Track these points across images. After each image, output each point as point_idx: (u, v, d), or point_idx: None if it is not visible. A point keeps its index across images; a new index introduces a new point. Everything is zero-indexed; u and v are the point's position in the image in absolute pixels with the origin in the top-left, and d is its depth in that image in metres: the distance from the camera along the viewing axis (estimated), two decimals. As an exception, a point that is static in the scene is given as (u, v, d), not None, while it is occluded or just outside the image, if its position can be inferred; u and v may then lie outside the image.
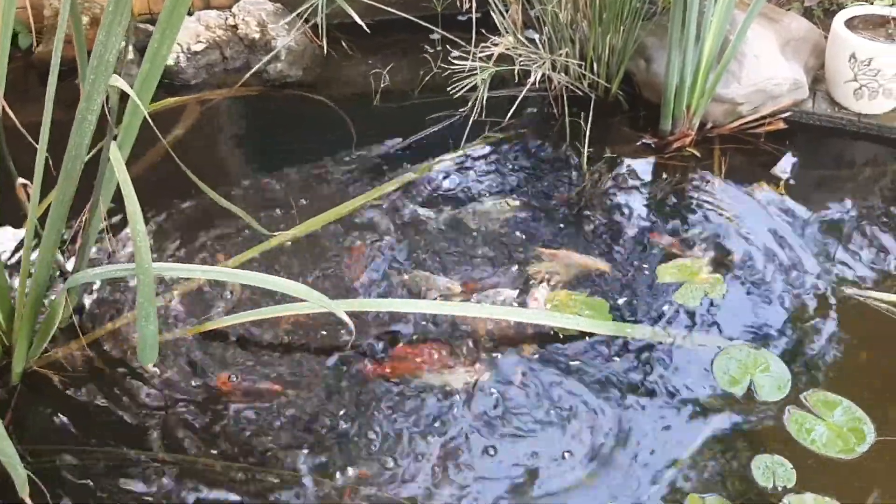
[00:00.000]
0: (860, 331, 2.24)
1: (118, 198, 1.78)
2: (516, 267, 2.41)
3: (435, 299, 2.29)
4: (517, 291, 2.32)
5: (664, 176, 2.80)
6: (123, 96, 1.79)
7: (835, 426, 1.98)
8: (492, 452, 1.92)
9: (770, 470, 1.88)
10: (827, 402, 2.03)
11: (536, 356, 2.15)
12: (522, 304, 2.28)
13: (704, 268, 2.42)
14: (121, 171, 1.74)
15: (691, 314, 2.28)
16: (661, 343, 2.19)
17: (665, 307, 2.30)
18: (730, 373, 2.11)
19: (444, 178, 2.79)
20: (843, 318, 2.27)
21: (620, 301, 2.31)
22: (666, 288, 2.36)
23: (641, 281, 2.38)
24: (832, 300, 2.32)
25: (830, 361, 2.15)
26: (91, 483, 1.85)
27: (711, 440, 1.95)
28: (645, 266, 2.43)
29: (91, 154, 1.91)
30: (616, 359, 2.15)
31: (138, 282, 1.77)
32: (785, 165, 2.83)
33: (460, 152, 2.90)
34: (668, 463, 1.91)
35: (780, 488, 1.84)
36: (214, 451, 1.91)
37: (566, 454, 1.92)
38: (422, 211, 2.63)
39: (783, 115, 3.00)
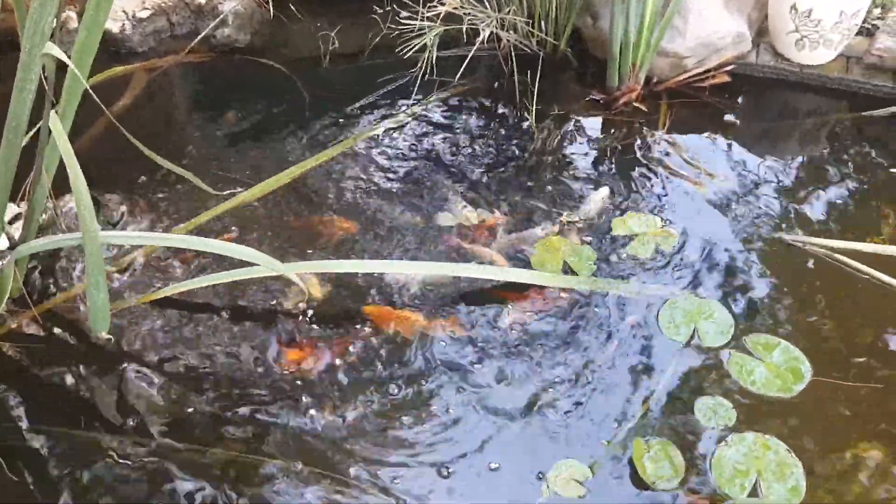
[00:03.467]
0: (800, 275, 2.31)
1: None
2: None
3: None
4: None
5: (611, 131, 2.85)
6: (64, 66, 1.78)
7: (773, 366, 2.05)
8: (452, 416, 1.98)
9: (711, 410, 1.95)
10: (766, 345, 2.10)
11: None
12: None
13: (657, 221, 2.47)
14: (62, 142, 1.73)
15: (642, 265, 2.34)
16: (610, 294, 2.25)
17: (616, 259, 2.35)
18: (675, 321, 2.17)
19: (397, 138, 2.81)
20: (784, 263, 2.35)
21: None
22: (620, 240, 2.42)
23: (595, 233, 2.44)
24: (774, 247, 2.40)
25: (771, 305, 2.22)
26: (49, 459, 1.86)
27: (655, 386, 2.02)
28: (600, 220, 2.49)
29: (37, 127, 1.90)
30: (563, 309, 2.21)
31: (86, 250, 1.78)
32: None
33: (411, 113, 2.91)
34: (612, 410, 1.97)
35: (721, 427, 1.92)
36: (169, 425, 1.94)
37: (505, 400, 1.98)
38: (374, 170, 2.65)
39: (727, 68, 3.04)
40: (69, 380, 2.02)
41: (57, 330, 2.13)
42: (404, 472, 1.84)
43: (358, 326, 2.14)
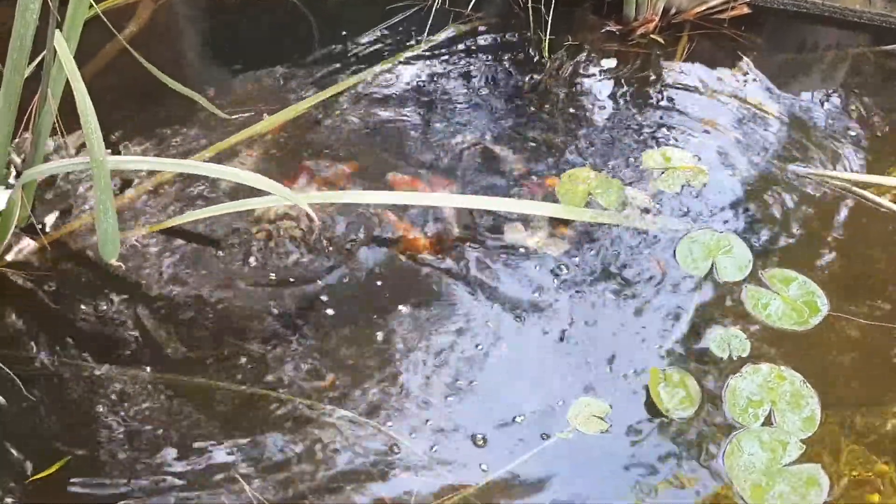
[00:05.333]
0: (819, 209, 2.28)
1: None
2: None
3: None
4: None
5: (627, 62, 2.78)
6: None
7: (790, 300, 2.03)
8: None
9: (725, 342, 1.94)
10: (784, 278, 2.08)
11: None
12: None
13: (687, 156, 2.42)
14: (67, 62, 1.69)
15: (668, 200, 2.30)
16: (631, 228, 2.22)
17: (644, 193, 2.32)
18: (693, 255, 2.14)
19: (409, 71, 2.75)
20: (803, 197, 2.31)
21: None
22: (648, 174, 2.38)
23: (623, 168, 2.40)
24: (793, 180, 2.36)
25: (789, 239, 2.20)
26: (60, 386, 1.86)
27: (671, 319, 2.00)
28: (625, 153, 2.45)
29: (41, 56, 1.86)
30: (584, 243, 2.18)
31: (94, 175, 1.75)
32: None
33: (424, 44, 2.84)
34: (628, 340, 1.96)
35: (735, 358, 1.91)
36: (177, 357, 1.93)
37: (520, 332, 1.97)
38: (388, 104, 2.61)
39: (747, 0, 2.96)
40: (78, 308, 2.01)
41: (66, 258, 2.11)
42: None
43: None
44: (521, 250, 2.15)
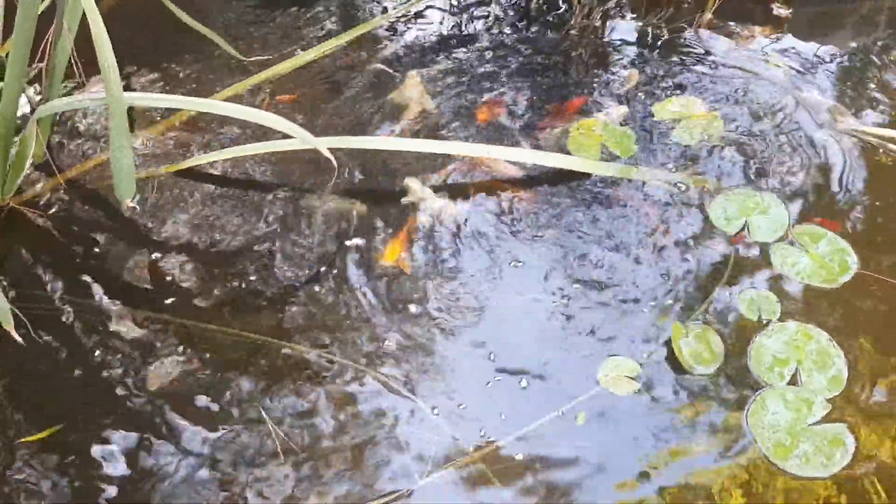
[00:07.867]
0: (852, 166, 2.21)
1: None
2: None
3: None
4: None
5: (656, 11, 2.69)
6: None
7: (818, 257, 1.98)
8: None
9: (755, 304, 1.89)
10: (812, 235, 2.03)
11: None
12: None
13: (701, 105, 2.36)
14: (84, -6, 1.64)
15: (688, 153, 2.24)
16: (654, 182, 2.16)
17: (661, 145, 2.26)
18: (727, 213, 2.08)
19: (429, 15, 2.68)
20: (836, 153, 2.25)
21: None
22: (663, 125, 2.31)
23: (637, 118, 2.34)
24: (826, 136, 2.29)
25: (820, 196, 2.14)
26: (71, 327, 1.85)
27: (697, 275, 1.96)
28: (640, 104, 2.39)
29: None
30: (606, 196, 2.13)
31: (110, 112, 1.71)
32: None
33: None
34: (652, 295, 1.92)
35: (764, 321, 1.86)
36: (192, 301, 1.91)
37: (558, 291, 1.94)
38: (405, 49, 2.55)
39: (782, -52, 2.86)
40: (92, 249, 1.99)
41: (81, 197, 2.08)
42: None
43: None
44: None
